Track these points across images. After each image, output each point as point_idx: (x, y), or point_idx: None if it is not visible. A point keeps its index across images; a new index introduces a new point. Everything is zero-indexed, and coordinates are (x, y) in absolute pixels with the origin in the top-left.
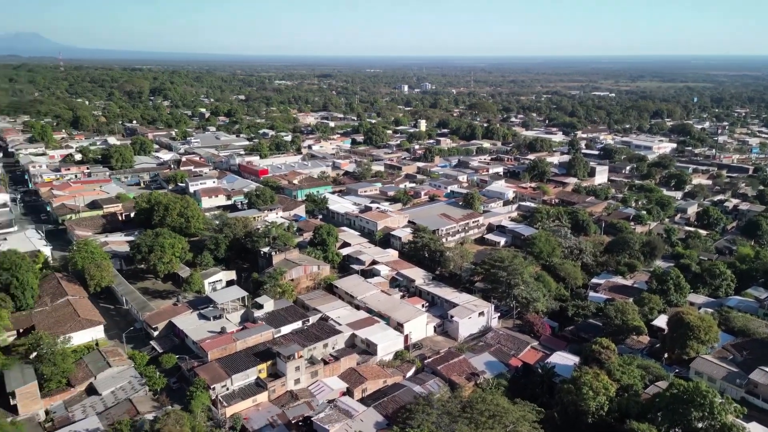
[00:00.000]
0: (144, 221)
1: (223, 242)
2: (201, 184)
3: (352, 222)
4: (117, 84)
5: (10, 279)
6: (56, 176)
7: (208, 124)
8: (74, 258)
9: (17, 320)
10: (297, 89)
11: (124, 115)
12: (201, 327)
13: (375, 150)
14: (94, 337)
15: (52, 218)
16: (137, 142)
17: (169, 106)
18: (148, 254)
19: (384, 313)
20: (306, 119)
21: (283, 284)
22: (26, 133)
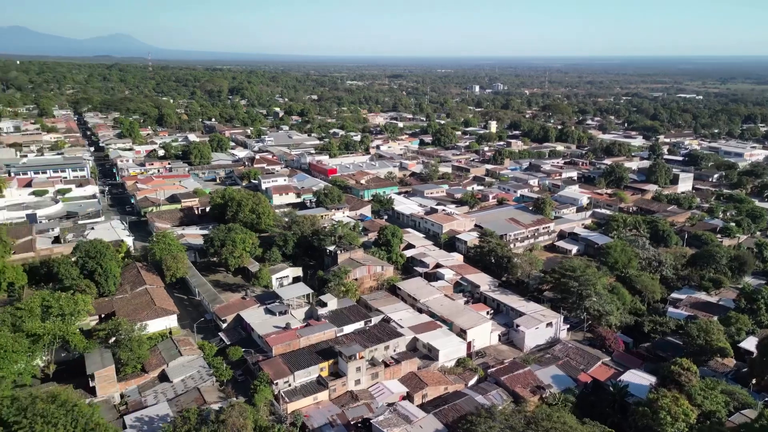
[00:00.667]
0: (218, 216)
1: (291, 239)
2: (272, 181)
3: (417, 224)
4: (199, 83)
5: (95, 266)
6: (141, 170)
7: (281, 123)
8: (153, 249)
9: (100, 305)
10: (368, 89)
11: (204, 113)
12: (267, 322)
13: (443, 151)
14: (168, 326)
15: (135, 210)
16: (215, 139)
17: (245, 105)
18: (221, 248)
19: (447, 318)
20: (375, 119)
21: (347, 283)
22: (116, 129)
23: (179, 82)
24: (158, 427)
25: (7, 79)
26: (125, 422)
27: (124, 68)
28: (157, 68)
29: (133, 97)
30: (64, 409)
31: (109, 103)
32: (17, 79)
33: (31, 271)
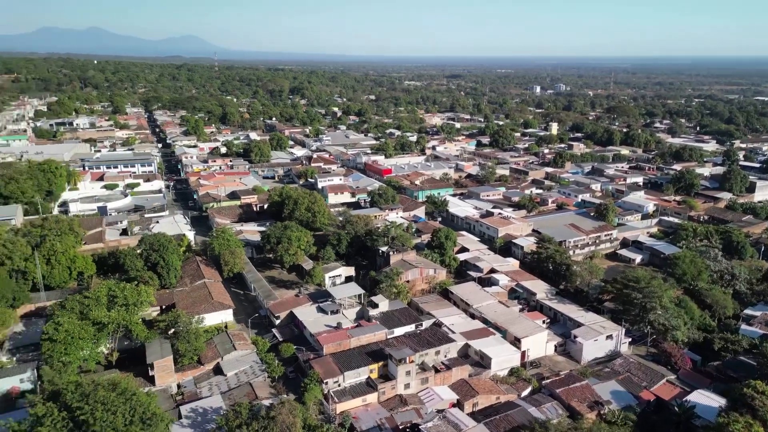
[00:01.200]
0: (275, 213)
1: (344, 239)
2: (328, 180)
3: (471, 227)
4: (261, 83)
5: (158, 259)
6: (204, 167)
7: (339, 123)
8: (212, 244)
9: (161, 297)
10: (425, 90)
11: (265, 112)
12: (319, 320)
13: (501, 153)
14: (224, 320)
15: (197, 205)
16: (275, 138)
17: (305, 105)
18: (276, 245)
19: (501, 326)
20: (432, 120)
21: (398, 285)
22: (182, 127)
23: (243, 81)
24: (211, 419)
25: (85, 78)
26: (181, 412)
27: (192, 68)
28: (222, 68)
29: (199, 96)
30: (123, 398)
31: (177, 102)
32: (94, 78)
33: (99, 261)
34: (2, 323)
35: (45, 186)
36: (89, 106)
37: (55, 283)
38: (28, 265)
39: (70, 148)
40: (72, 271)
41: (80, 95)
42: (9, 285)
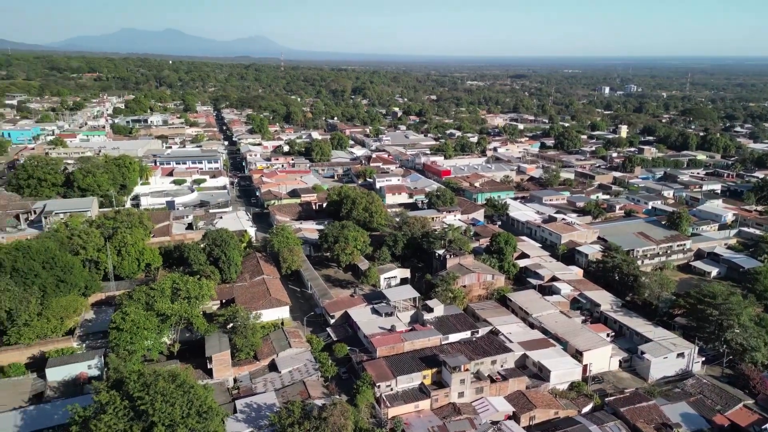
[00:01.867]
0: (333, 212)
1: (401, 240)
2: (386, 181)
3: (533, 232)
4: (325, 83)
5: (220, 254)
6: (267, 165)
7: (399, 123)
8: (272, 241)
9: (221, 291)
10: (488, 90)
11: (327, 111)
12: (373, 322)
13: (566, 156)
14: (281, 317)
15: (259, 202)
16: (335, 137)
17: (366, 105)
18: (334, 244)
19: (561, 337)
20: (494, 120)
21: (454, 290)
22: (248, 125)
23: (307, 81)
24: (265, 415)
25: (160, 77)
26: (236, 406)
27: (259, 68)
28: (288, 68)
29: (265, 96)
30: (182, 390)
31: (244, 101)
32: (169, 78)
33: (166, 254)
34: (74, 311)
35: (119, 180)
36: (163, 104)
37: (125, 274)
38: (100, 255)
39: (144, 144)
40: (140, 263)
41: (155, 94)
42: (82, 274)
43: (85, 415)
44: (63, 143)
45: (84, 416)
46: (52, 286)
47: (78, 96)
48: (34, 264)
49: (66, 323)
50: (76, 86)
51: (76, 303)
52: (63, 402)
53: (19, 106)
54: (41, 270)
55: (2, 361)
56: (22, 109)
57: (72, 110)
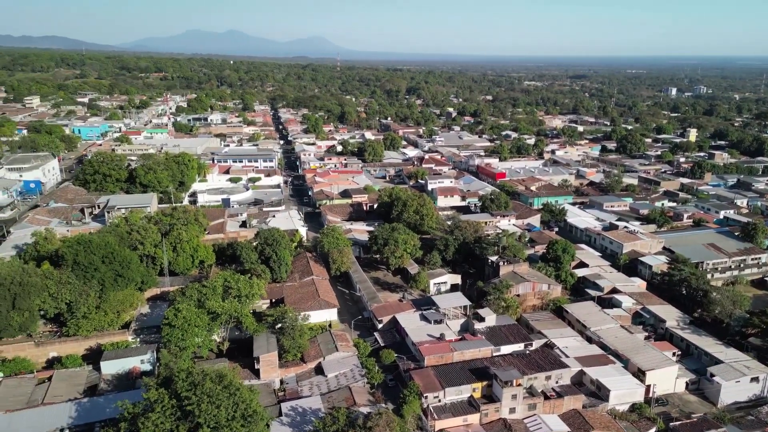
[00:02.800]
0: (384, 214)
1: (452, 244)
2: (439, 182)
3: (592, 239)
4: (380, 83)
5: (271, 253)
6: (320, 164)
7: (453, 124)
8: (322, 241)
9: (271, 290)
10: (546, 90)
11: (381, 111)
12: (421, 329)
13: (628, 160)
14: (329, 319)
15: (311, 202)
16: (389, 138)
17: (420, 105)
18: (383, 246)
19: (622, 354)
20: (552, 122)
21: (507, 299)
22: (303, 124)
23: (362, 81)
24: (310, 420)
25: (221, 76)
26: (281, 409)
27: (316, 68)
28: (344, 68)
29: (320, 95)
30: (228, 392)
31: (300, 100)
32: (229, 77)
33: (219, 251)
34: (130, 305)
35: (178, 177)
36: (223, 103)
37: (179, 270)
38: (157, 251)
39: (203, 142)
40: (194, 260)
41: (216, 93)
42: (139, 269)
43: (134, 412)
44: (128, 140)
45: (133, 413)
46: (111, 280)
47: (144, 95)
48: (95, 258)
49: (122, 317)
50: (143, 85)
51: (132, 297)
52: (115, 396)
53: (90, 104)
54: (101, 264)
55: (61, 351)
56: (93, 106)
57: (138, 108)
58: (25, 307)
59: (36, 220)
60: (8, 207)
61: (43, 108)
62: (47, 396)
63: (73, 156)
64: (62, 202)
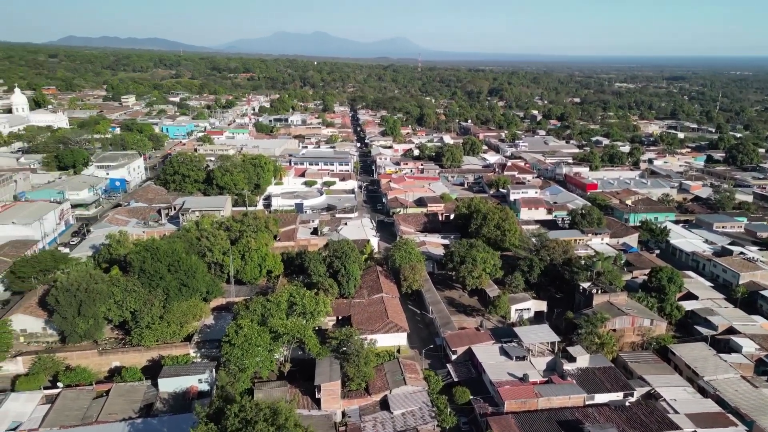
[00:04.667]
0: (461, 226)
1: (537, 266)
2: (522, 192)
3: (700, 266)
4: (461, 84)
5: (339, 267)
6: (395, 169)
7: (538, 128)
8: (394, 255)
9: (338, 307)
10: (640, 93)
11: (461, 113)
12: (501, 365)
13: (740, 173)
14: (397, 344)
15: (385, 209)
16: (468, 142)
17: (503, 107)
18: (460, 265)
19: (745, 414)
20: (648, 127)
21: (602, 334)
22: (381, 127)
23: (443, 82)
24: None
25: (305, 77)
26: None
27: (397, 69)
28: (425, 69)
29: (400, 97)
30: None
31: (380, 101)
32: (312, 78)
33: (288, 261)
34: (193, 316)
35: (254, 179)
36: (304, 104)
37: (246, 279)
38: (225, 259)
39: (282, 143)
40: (262, 269)
41: (298, 93)
42: (205, 279)
43: None
44: (210, 140)
45: None
46: (175, 290)
47: (231, 94)
48: (161, 266)
49: (185, 329)
50: (231, 85)
51: (196, 308)
52: (169, 419)
53: (180, 103)
54: (166, 272)
55: (124, 361)
56: (182, 106)
57: (224, 108)
58: (90, 314)
59: (115, 220)
60: (93, 204)
61: (137, 107)
62: (103, 412)
63: (159, 155)
64: (142, 202)
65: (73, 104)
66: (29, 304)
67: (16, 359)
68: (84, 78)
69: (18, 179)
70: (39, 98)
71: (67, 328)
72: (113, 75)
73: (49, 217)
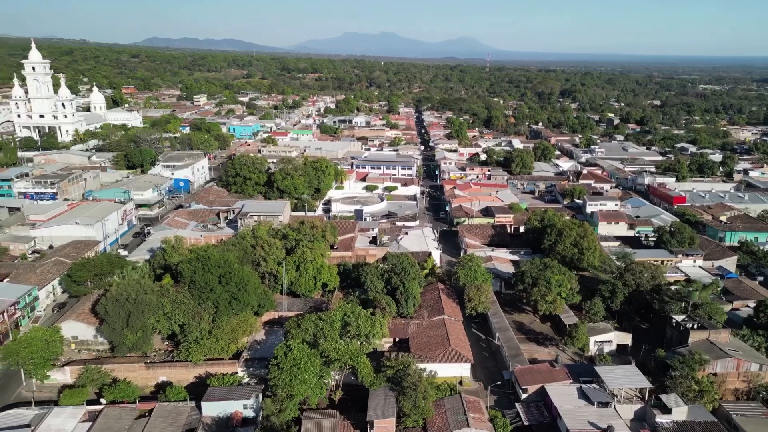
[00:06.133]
0: (533, 241)
1: (621, 291)
2: (600, 204)
3: None
4: (531, 85)
5: (398, 284)
6: (460, 174)
7: (615, 132)
8: (458, 273)
9: (395, 327)
10: (728, 95)
11: (531, 116)
12: (580, 411)
13: None
14: (460, 374)
15: (448, 218)
16: (540, 147)
17: (576, 109)
18: (531, 287)
19: None
20: (740, 134)
21: (701, 380)
22: (446, 129)
23: (512, 83)
24: None
25: (371, 78)
26: None
27: (464, 69)
28: (493, 69)
29: (466, 97)
30: None
31: (446, 102)
32: (378, 78)
33: (344, 273)
34: (243, 331)
35: (315, 183)
36: (369, 105)
37: (301, 291)
38: (279, 269)
39: (345, 145)
40: (317, 282)
41: (364, 94)
42: (256, 292)
43: None
44: (274, 141)
45: None
46: (225, 303)
47: (298, 95)
48: (211, 277)
49: (233, 345)
50: (299, 85)
51: (246, 324)
52: None
53: (249, 103)
54: (217, 285)
55: (171, 376)
56: (251, 105)
57: (290, 109)
58: (138, 325)
59: (175, 222)
60: (156, 205)
61: (208, 106)
62: None
63: (224, 155)
64: (203, 204)
65: (148, 103)
66: (82, 310)
67: (64, 369)
68: (161, 78)
69: (88, 177)
70: (117, 97)
71: (116, 339)
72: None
73: (112, 217)
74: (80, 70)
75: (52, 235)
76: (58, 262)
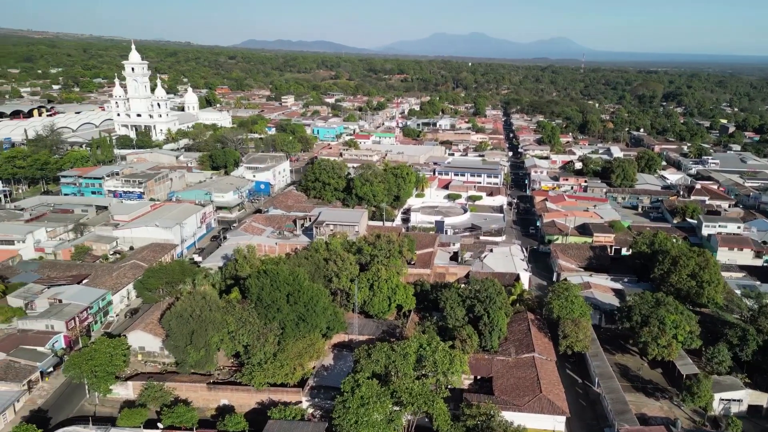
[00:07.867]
0: (639, 267)
1: (754, 339)
2: (719, 226)
3: None
4: (630, 87)
5: (482, 312)
6: (553, 185)
7: (731, 141)
8: (551, 303)
9: (477, 363)
10: None
11: (631, 121)
12: None
13: None
14: (552, 428)
15: (538, 234)
16: (643, 156)
17: (682, 115)
18: (641, 326)
19: None
20: None
21: None
22: (537, 134)
23: (608, 85)
24: None
25: (458, 79)
26: None
27: (556, 70)
28: (588, 70)
29: (558, 100)
30: None
31: (536, 105)
32: (465, 79)
33: (421, 293)
34: (310, 356)
35: (394, 190)
36: (454, 107)
37: (374, 312)
38: (352, 286)
39: (427, 150)
40: (391, 302)
41: (450, 95)
42: (326, 312)
43: None
44: (356, 144)
45: None
46: (292, 324)
47: (383, 96)
48: (279, 295)
49: (298, 371)
50: (385, 87)
51: (313, 349)
52: None
53: (334, 104)
54: (284, 303)
55: (233, 400)
56: (336, 107)
57: (374, 110)
58: (201, 343)
59: (251, 228)
60: (236, 207)
61: (295, 107)
62: None
63: (306, 157)
64: (281, 209)
65: (239, 103)
66: (150, 320)
67: (127, 384)
68: (254, 78)
69: (174, 177)
70: (210, 97)
71: (179, 356)
72: (280, 75)
73: (190, 220)
74: (181, 71)
75: (133, 237)
76: (134, 266)
